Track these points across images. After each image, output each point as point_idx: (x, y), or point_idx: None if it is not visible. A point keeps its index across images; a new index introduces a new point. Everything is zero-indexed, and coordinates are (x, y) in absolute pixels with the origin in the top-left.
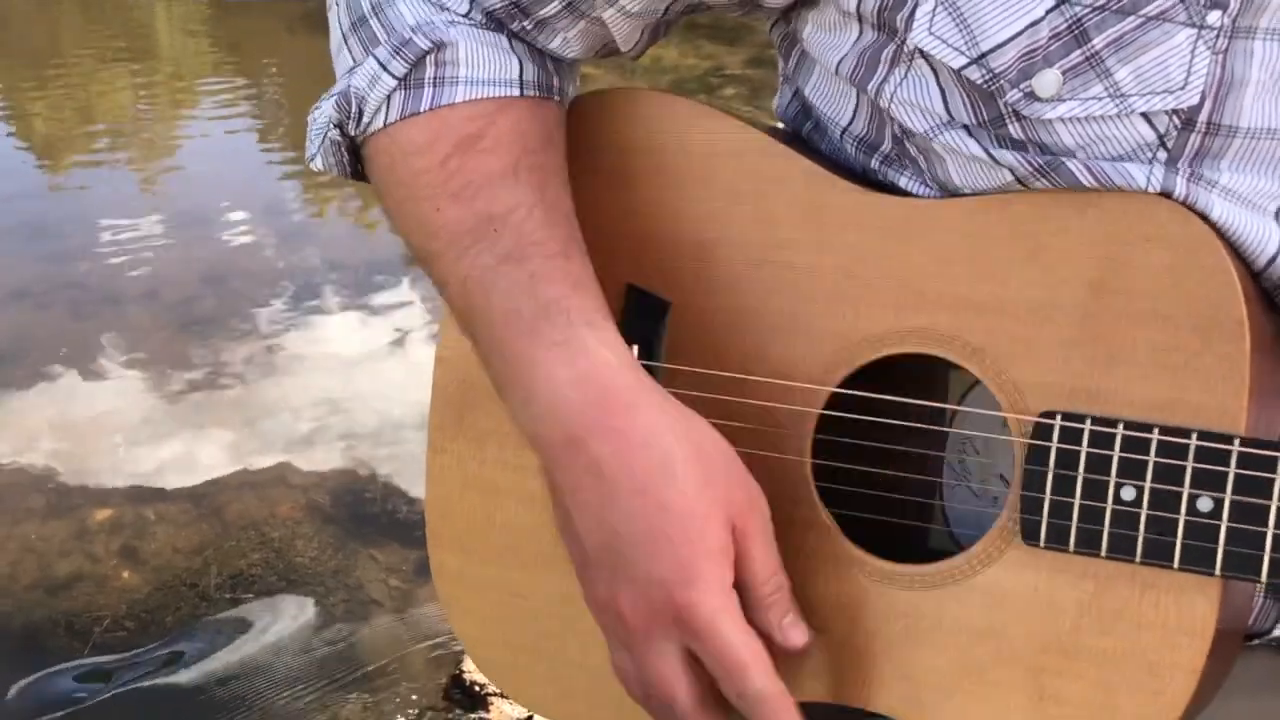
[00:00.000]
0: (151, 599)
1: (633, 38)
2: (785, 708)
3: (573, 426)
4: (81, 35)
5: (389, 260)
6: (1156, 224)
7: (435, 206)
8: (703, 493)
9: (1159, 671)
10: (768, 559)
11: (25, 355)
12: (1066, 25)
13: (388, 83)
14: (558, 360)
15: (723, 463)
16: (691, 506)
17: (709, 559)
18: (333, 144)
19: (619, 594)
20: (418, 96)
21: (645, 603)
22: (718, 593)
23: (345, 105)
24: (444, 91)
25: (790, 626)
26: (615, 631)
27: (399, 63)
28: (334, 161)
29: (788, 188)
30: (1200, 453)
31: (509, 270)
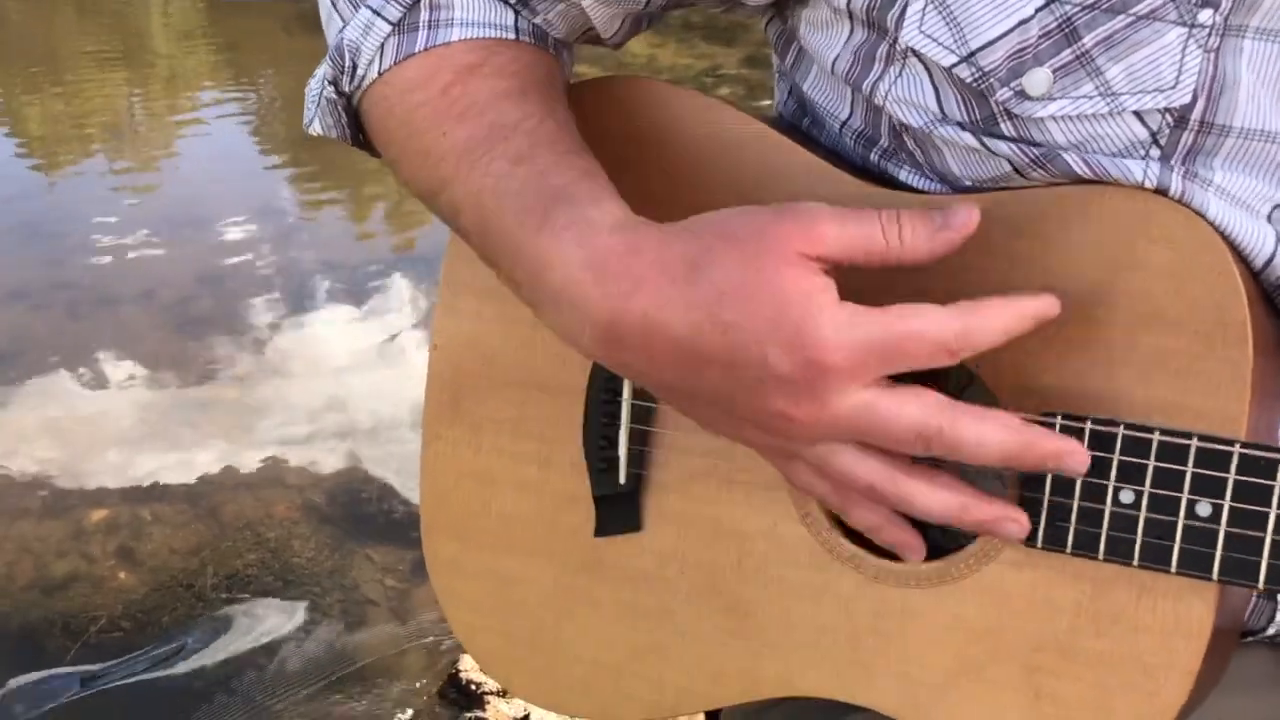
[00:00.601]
0: (148, 599)
1: (612, 25)
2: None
3: (603, 311)
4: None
5: (384, 260)
6: (1161, 225)
7: (441, 132)
8: (743, 253)
9: (1155, 673)
10: (859, 223)
11: (22, 356)
12: (1056, 24)
13: (382, 29)
14: (570, 245)
15: (745, 217)
16: (743, 277)
17: (797, 301)
18: (329, 103)
19: (763, 402)
20: (412, 39)
21: (786, 387)
22: (829, 318)
23: (339, 59)
24: (439, 32)
25: (946, 224)
26: (784, 446)
27: (393, 7)
28: (331, 123)
29: (788, 180)
30: (1200, 457)
31: (522, 171)
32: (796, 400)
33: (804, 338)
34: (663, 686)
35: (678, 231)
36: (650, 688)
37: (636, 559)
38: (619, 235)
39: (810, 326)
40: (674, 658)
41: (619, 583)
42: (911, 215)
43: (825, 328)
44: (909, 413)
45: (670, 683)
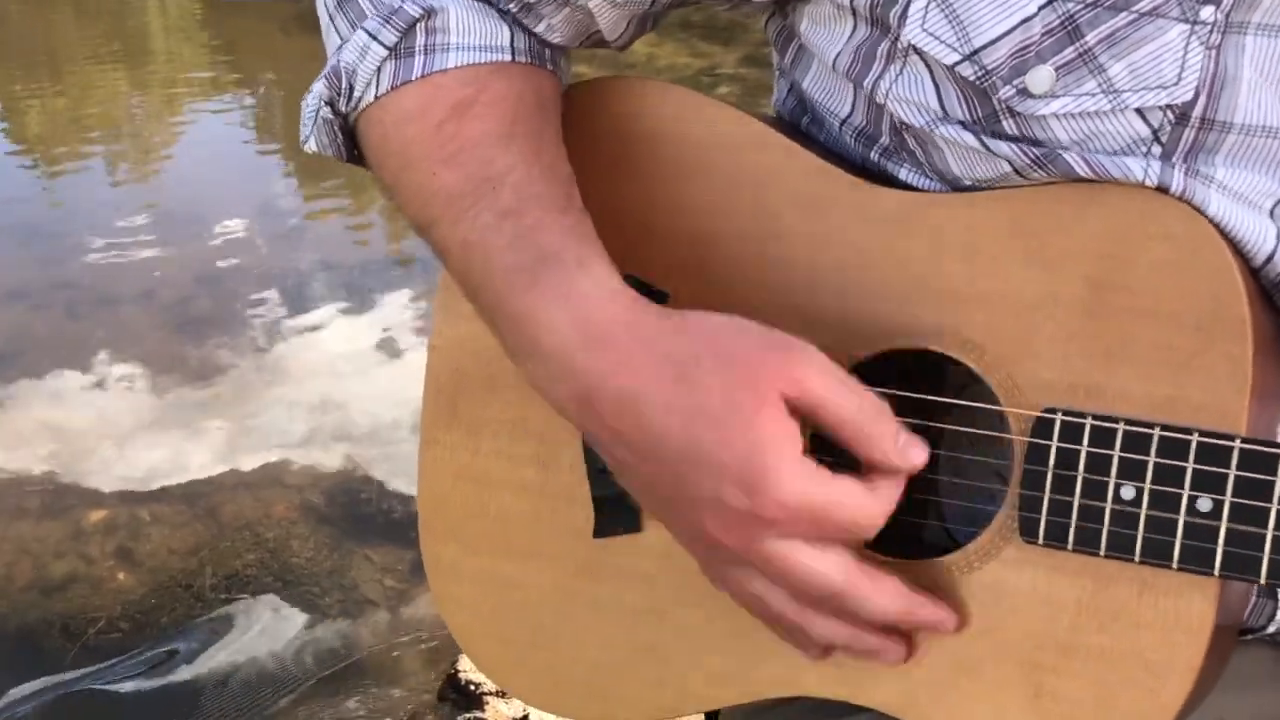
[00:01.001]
0: (146, 600)
1: (618, 27)
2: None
3: (584, 377)
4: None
5: (382, 261)
6: (1159, 221)
7: (431, 172)
8: (731, 379)
9: (1156, 670)
10: (842, 394)
11: (21, 356)
12: (1059, 21)
13: (378, 53)
14: (558, 309)
15: (742, 339)
16: (724, 403)
17: (765, 444)
18: (325, 123)
19: (703, 522)
20: (409, 65)
21: (728, 516)
22: (789, 473)
23: (335, 81)
24: (435, 59)
25: (906, 448)
26: (723, 560)
27: (389, 31)
28: (327, 142)
29: (787, 180)
30: (1201, 452)
31: (508, 227)
32: (729, 530)
33: (761, 484)
34: (662, 687)
35: (674, 328)
36: (650, 688)
37: (635, 560)
38: (616, 308)
39: (770, 476)
40: (673, 658)
41: (618, 584)
42: (887, 418)
43: (784, 482)
44: (821, 570)
45: (670, 683)
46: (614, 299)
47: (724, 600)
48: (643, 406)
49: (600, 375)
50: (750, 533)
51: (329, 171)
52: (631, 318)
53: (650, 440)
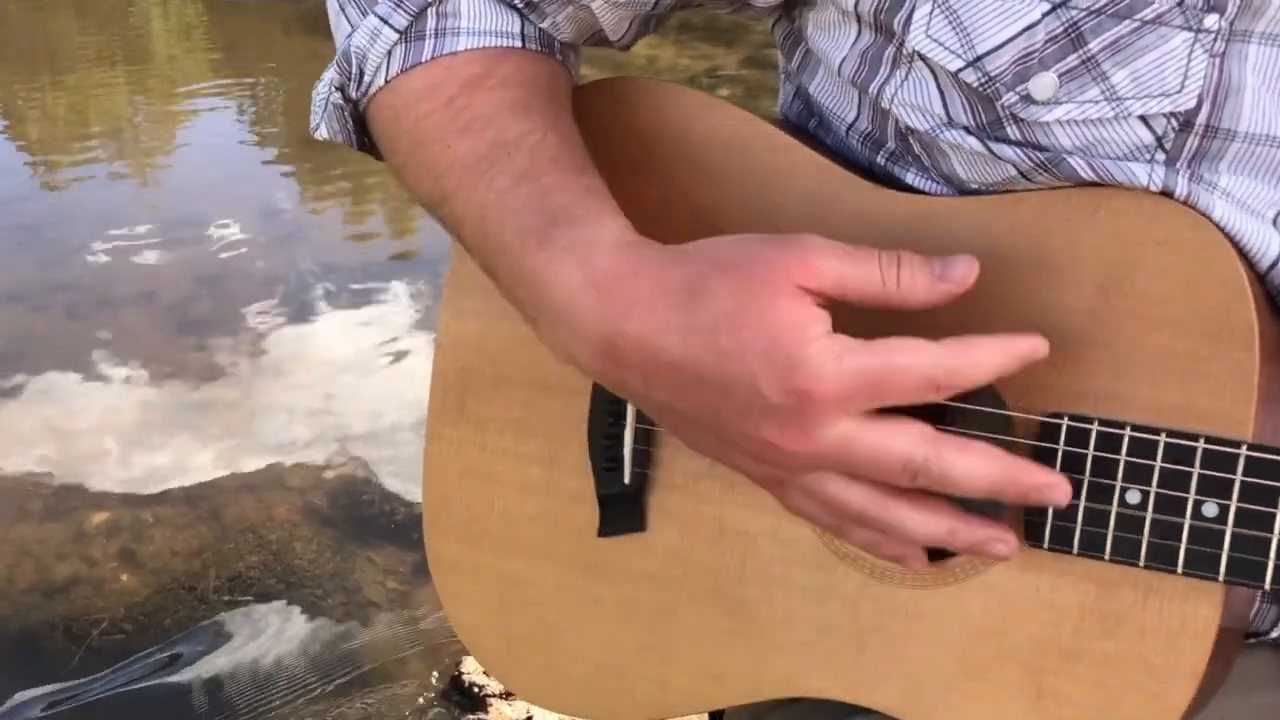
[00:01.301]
0: (149, 602)
1: (620, 28)
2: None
3: (600, 328)
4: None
5: (384, 262)
6: (1167, 227)
7: (446, 145)
8: (739, 283)
9: (1160, 675)
10: (858, 262)
11: (22, 358)
12: (1063, 29)
13: (389, 37)
14: (570, 265)
15: (743, 247)
16: (739, 306)
17: (789, 332)
18: (335, 109)
19: (759, 433)
20: (419, 48)
21: (780, 414)
22: (817, 349)
23: (346, 66)
24: (445, 41)
25: (947, 271)
26: (794, 468)
27: (400, 15)
28: (338, 128)
29: (796, 182)
30: (1207, 458)
31: (523, 189)
32: (784, 429)
33: (794, 368)
34: (666, 687)
35: (678, 255)
36: (653, 688)
37: (640, 559)
38: (619, 256)
39: (800, 357)
40: (677, 658)
41: (622, 583)
42: (911, 260)
43: (815, 359)
44: (894, 445)
45: (673, 683)
46: (619, 248)
47: (728, 600)
48: (663, 339)
49: (616, 322)
50: (805, 422)
51: (330, 172)
52: (636, 259)
53: (681, 370)
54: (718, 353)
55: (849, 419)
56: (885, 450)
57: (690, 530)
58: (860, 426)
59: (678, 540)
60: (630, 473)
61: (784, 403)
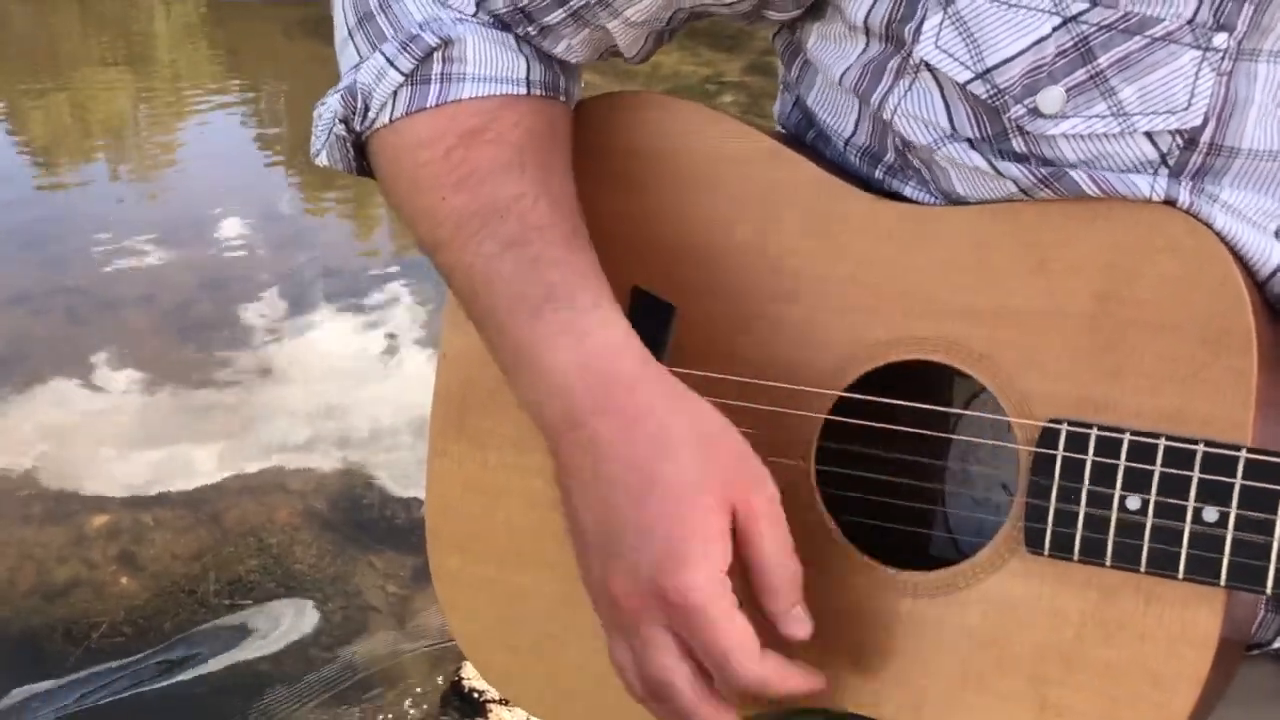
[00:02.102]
0: (150, 605)
1: (636, 44)
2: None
3: (575, 408)
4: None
5: (386, 266)
6: (1166, 235)
7: (440, 196)
8: (701, 470)
9: (1162, 682)
10: (776, 542)
11: (23, 360)
12: (1073, 43)
13: (394, 78)
14: (563, 345)
15: (726, 443)
16: (684, 484)
17: (700, 540)
18: (338, 139)
19: (611, 576)
20: (424, 92)
21: (635, 584)
22: (706, 577)
23: (351, 101)
24: (451, 88)
25: (793, 619)
26: (611, 617)
27: (406, 58)
28: (339, 157)
29: (796, 194)
30: (1207, 463)
31: (513, 256)
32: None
33: (677, 568)
34: None
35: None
36: None
37: None
38: (621, 362)
39: (688, 566)
40: None
41: None
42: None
43: (697, 577)
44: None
45: None
46: (621, 352)
47: None
48: (615, 455)
49: (589, 413)
50: (646, 606)
51: (332, 177)
52: (635, 376)
53: (603, 485)
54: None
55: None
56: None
57: None
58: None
59: None
60: None
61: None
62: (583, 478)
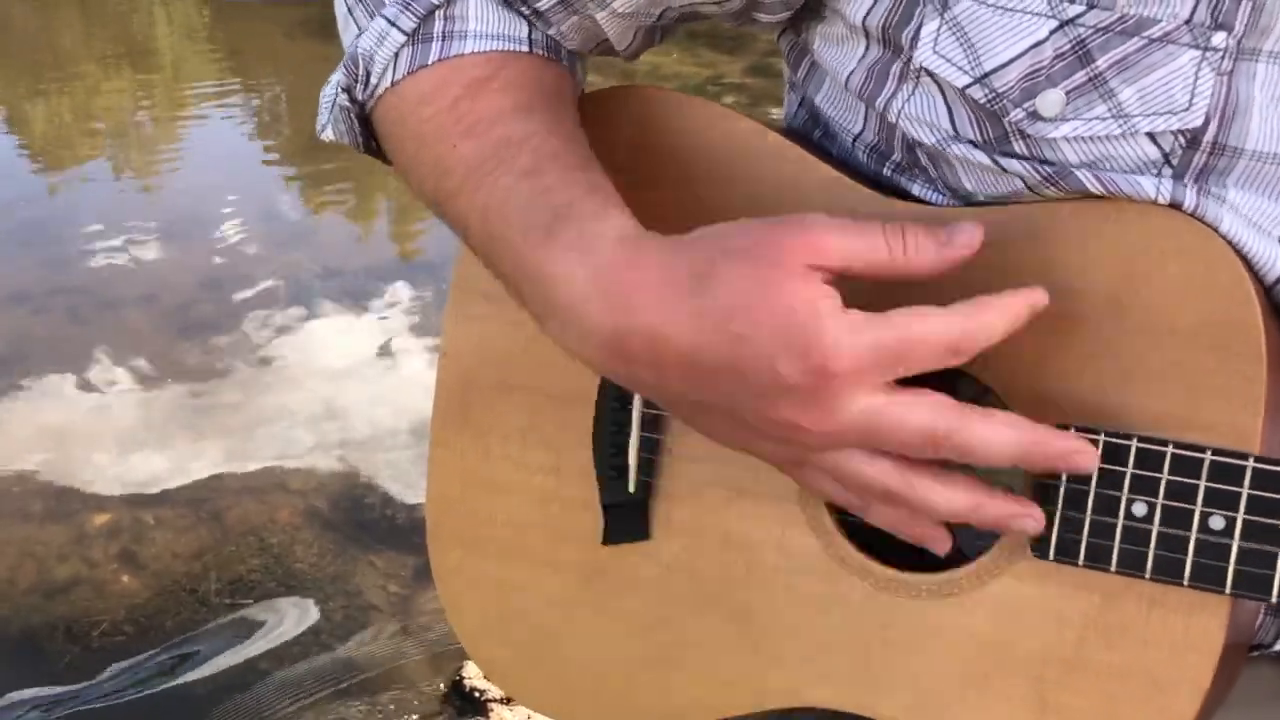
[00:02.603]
0: (150, 604)
1: (625, 38)
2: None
3: (608, 325)
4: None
5: (386, 266)
6: (1175, 239)
7: (450, 145)
8: (747, 267)
9: (1165, 687)
10: (864, 237)
11: (23, 359)
12: (1070, 46)
13: (396, 39)
14: (574, 261)
15: (746, 231)
16: (746, 287)
17: (804, 307)
18: (342, 110)
19: (779, 414)
20: (425, 50)
21: (800, 393)
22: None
23: (353, 68)
24: (452, 44)
25: (953, 236)
26: (816, 446)
27: (408, 18)
28: (344, 129)
29: (805, 191)
30: (1214, 470)
31: (527, 186)
32: (805, 408)
33: (810, 346)
34: (670, 696)
35: (681, 245)
36: (657, 697)
37: (644, 568)
38: (622, 250)
39: (816, 334)
40: (681, 668)
41: (626, 591)
42: (916, 229)
43: (830, 334)
44: (916, 416)
45: (677, 693)
46: (622, 242)
47: (732, 609)
48: (672, 330)
49: (623, 316)
50: (825, 400)
51: (332, 176)
52: (638, 251)
53: (694, 359)
54: (731, 338)
55: (869, 393)
56: (906, 422)
57: (695, 539)
58: (880, 400)
59: (682, 549)
60: (635, 481)
61: (803, 382)
62: (673, 373)
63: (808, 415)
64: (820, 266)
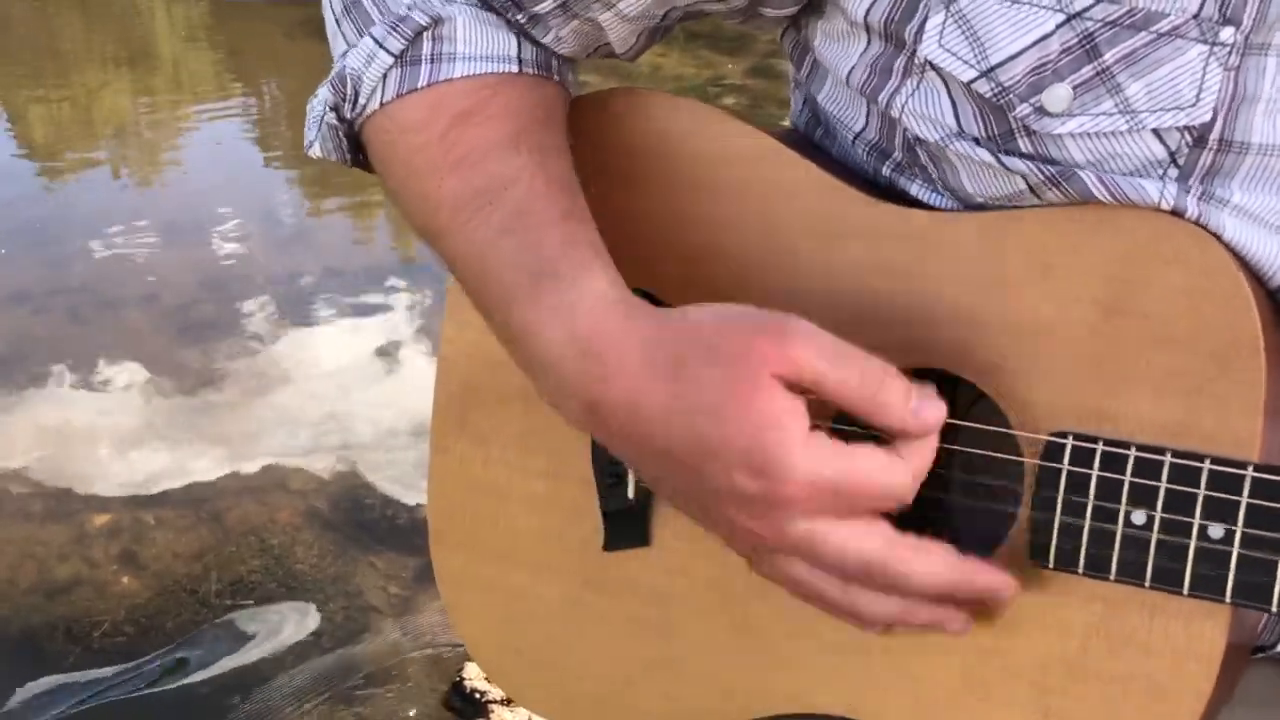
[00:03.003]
0: (151, 605)
1: (628, 40)
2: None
3: (586, 390)
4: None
5: (386, 266)
6: (1173, 246)
7: (438, 181)
8: (720, 370)
9: (1166, 695)
10: (841, 365)
11: (24, 359)
12: (1077, 40)
13: (384, 60)
14: (555, 323)
15: (727, 327)
16: (717, 391)
17: (769, 426)
18: (330, 129)
19: (728, 514)
20: (414, 74)
21: (750, 503)
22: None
23: (341, 87)
24: (441, 68)
25: (920, 410)
26: (760, 548)
27: (395, 39)
28: (332, 147)
29: (799, 196)
30: (1213, 479)
31: (507, 242)
32: (755, 517)
33: (768, 464)
34: (671, 702)
35: (661, 328)
36: (659, 703)
37: (645, 574)
38: (601, 317)
39: (775, 454)
40: (683, 673)
41: (628, 597)
42: (893, 385)
43: (789, 458)
44: (855, 547)
45: (679, 698)
46: (606, 309)
47: (733, 615)
48: (643, 412)
49: (600, 386)
50: (775, 517)
51: (333, 177)
52: (620, 324)
53: (660, 443)
54: (696, 436)
55: (814, 518)
56: (846, 552)
57: (695, 545)
58: (825, 526)
59: (683, 555)
60: (634, 488)
61: (755, 495)
62: (640, 448)
63: (757, 523)
64: (793, 381)
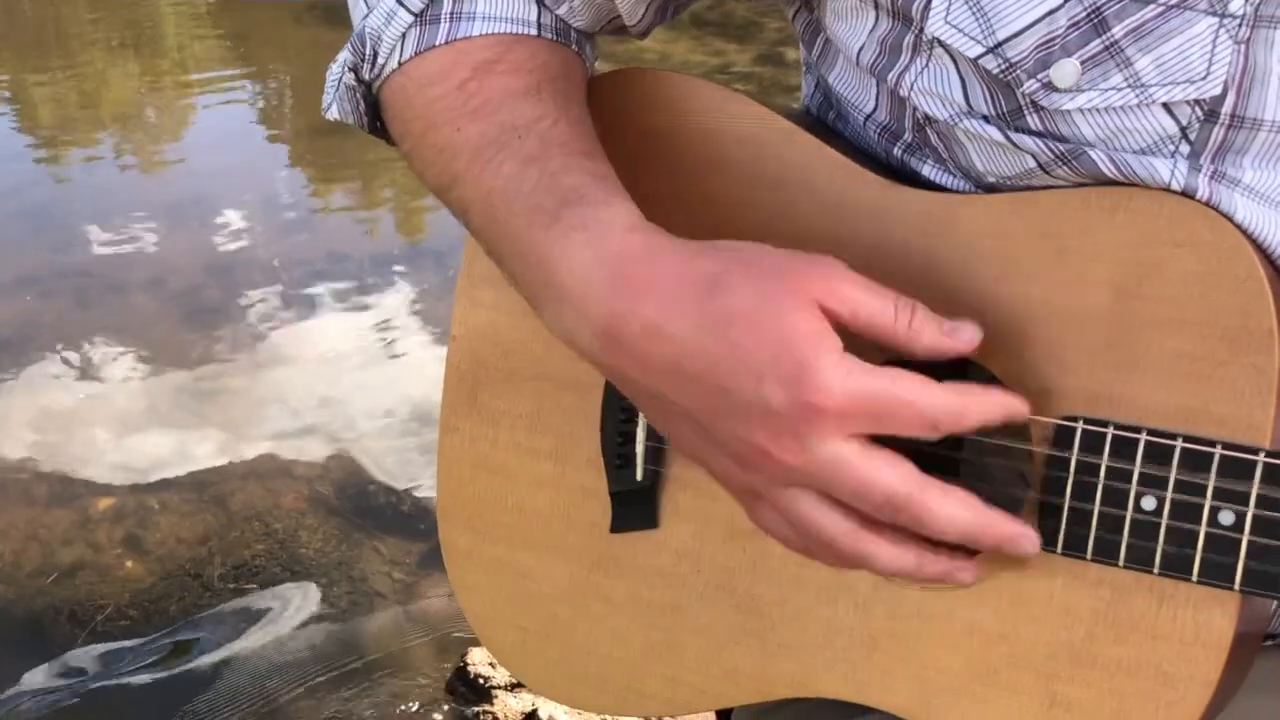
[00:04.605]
0: (155, 588)
1: (637, 12)
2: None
3: (607, 312)
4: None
5: (391, 253)
6: (1187, 229)
7: (456, 128)
8: (761, 283)
9: (1174, 683)
10: (875, 296)
11: (29, 343)
12: (1085, 14)
13: (404, 19)
14: (579, 243)
15: (767, 254)
16: (756, 300)
17: (806, 339)
18: (348, 89)
19: (749, 435)
20: (433, 31)
21: (777, 418)
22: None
23: (360, 46)
24: (460, 26)
25: (955, 331)
26: (772, 479)
27: None
28: (349, 108)
29: (811, 178)
30: (1224, 465)
31: (532, 172)
32: (777, 436)
33: (802, 375)
34: (676, 684)
35: (699, 249)
36: (664, 685)
37: (652, 556)
38: (636, 237)
39: (811, 366)
40: (688, 655)
41: (634, 579)
42: (924, 312)
43: (824, 370)
44: (882, 477)
45: (684, 680)
46: (634, 230)
47: (739, 598)
48: (674, 325)
49: (625, 305)
50: (801, 433)
51: (339, 163)
52: (653, 246)
53: (686, 359)
54: (729, 345)
55: (844, 440)
56: (871, 479)
57: (702, 528)
58: (854, 450)
59: (690, 538)
60: (643, 470)
61: (783, 409)
62: (658, 371)
63: (777, 443)
64: (829, 308)
